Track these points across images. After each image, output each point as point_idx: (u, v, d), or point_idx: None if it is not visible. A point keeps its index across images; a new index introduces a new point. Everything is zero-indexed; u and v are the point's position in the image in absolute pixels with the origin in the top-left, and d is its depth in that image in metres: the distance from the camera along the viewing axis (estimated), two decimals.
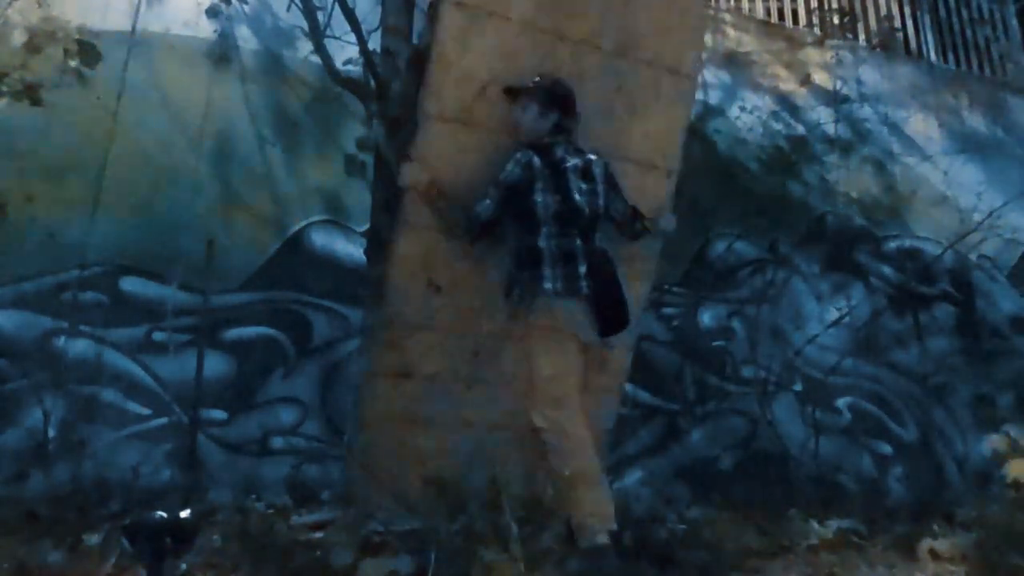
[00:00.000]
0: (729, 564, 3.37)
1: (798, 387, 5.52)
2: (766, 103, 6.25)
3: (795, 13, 6.89)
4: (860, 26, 6.99)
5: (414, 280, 3.15)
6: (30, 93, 4.39)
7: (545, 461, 2.72)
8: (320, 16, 4.73)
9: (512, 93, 3.10)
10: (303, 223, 4.74)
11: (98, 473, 3.93)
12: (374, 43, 4.46)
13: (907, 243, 6.28)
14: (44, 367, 4.07)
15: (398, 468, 3.12)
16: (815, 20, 6.85)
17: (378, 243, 3.38)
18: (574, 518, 2.62)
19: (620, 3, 3.35)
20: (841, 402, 5.62)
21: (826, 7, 6.90)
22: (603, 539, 2.59)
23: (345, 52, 4.83)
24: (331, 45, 4.75)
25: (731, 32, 6.42)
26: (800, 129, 6.28)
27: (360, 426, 3.18)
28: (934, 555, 3.58)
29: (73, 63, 4.55)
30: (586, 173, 3.02)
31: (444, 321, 3.18)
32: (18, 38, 4.50)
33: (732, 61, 6.29)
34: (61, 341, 4.14)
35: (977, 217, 6.27)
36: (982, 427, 5.71)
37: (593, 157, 3.09)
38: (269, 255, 4.62)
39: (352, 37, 4.59)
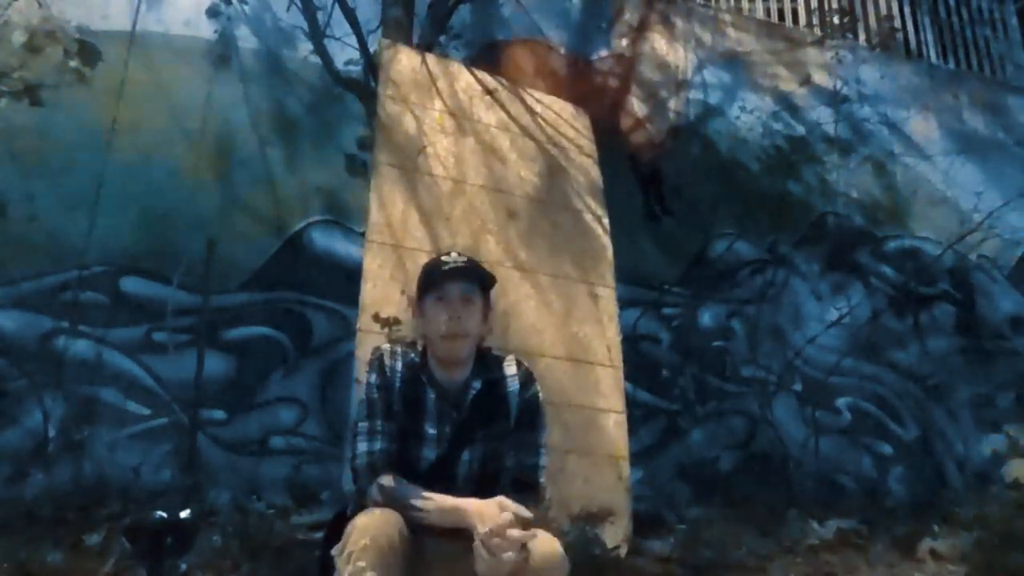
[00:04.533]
0: (729, 564, 3.37)
1: (798, 387, 5.52)
2: (766, 103, 6.25)
3: (795, 13, 6.89)
4: (860, 26, 6.99)
5: (389, 288, 3.20)
6: (30, 93, 4.39)
7: None
8: (320, 16, 4.74)
9: None
10: (303, 223, 4.74)
11: (98, 473, 3.93)
12: (374, 43, 4.47)
13: (907, 243, 6.28)
14: (44, 367, 4.07)
15: None
16: (815, 20, 6.85)
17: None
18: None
19: None
20: (841, 402, 5.62)
21: (826, 7, 6.90)
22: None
23: (345, 52, 4.84)
24: (331, 45, 4.77)
25: (731, 32, 6.42)
26: (800, 129, 6.28)
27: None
28: (934, 555, 3.58)
29: (73, 63, 4.55)
30: None
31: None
32: (18, 38, 4.50)
33: (732, 61, 6.29)
34: (61, 341, 4.14)
35: (977, 217, 6.27)
36: (982, 427, 5.71)
37: None
38: (269, 255, 4.62)
39: (352, 37, 4.61)
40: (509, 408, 1.90)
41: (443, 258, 1.94)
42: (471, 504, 1.64)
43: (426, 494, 1.70)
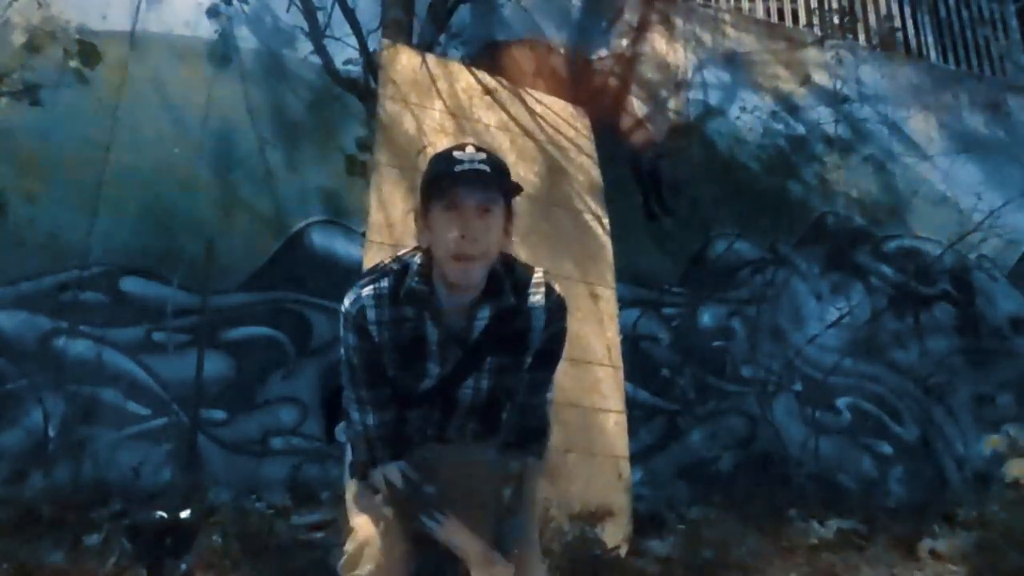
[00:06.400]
0: (729, 564, 3.37)
1: (798, 387, 5.52)
2: (766, 103, 6.25)
3: (795, 13, 6.89)
4: (860, 26, 6.99)
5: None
6: (30, 93, 4.39)
7: None
8: (320, 16, 4.74)
9: None
10: (303, 223, 4.73)
11: (98, 473, 3.92)
12: (374, 43, 4.47)
13: (907, 243, 6.28)
14: (44, 367, 4.07)
15: None
16: (815, 20, 6.85)
17: None
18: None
19: None
20: (841, 402, 5.62)
21: (826, 7, 6.89)
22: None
23: (345, 52, 4.84)
24: (331, 45, 4.77)
25: (731, 32, 6.42)
26: (800, 129, 6.28)
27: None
28: (934, 555, 3.59)
29: (73, 63, 4.54)
30: None
31: None
32: (18, 38, 4.50)
33: (732, 61, 6.28)
34: (61, 341, 4.14)
35: (977, 217, 6.27)
36: (982, 427, 5.70)
37: None
38: (269, 255, 4.62)
39: (352, 37, 4.61)
40: (528, 345, 1.63)
41: (456, 154, 1.52)
42: (470, 545, 1.55)
43: (433, 511, 1.58)
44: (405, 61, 4.01)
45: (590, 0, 6.04)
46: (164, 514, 2.13)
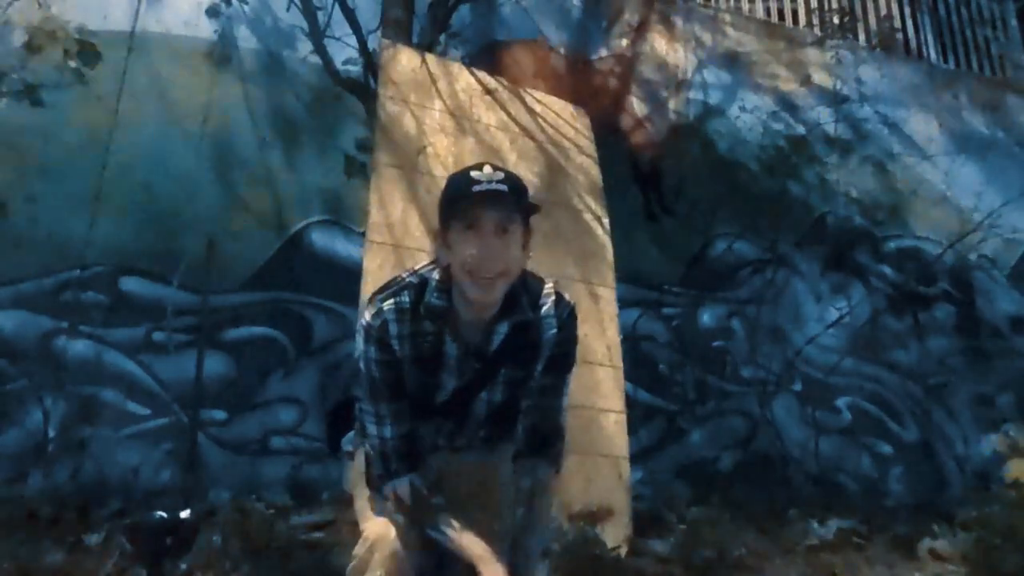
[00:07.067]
0: (729, 564, 3.37)
1: (798, 387, 5.52)
2: (766, 103, 6.25)
3: (795, 13, 6.89)
4: (860, 26, 6.99)
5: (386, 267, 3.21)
6: (30, 93, 4.39)
7: None
8: (320, 16, 4.74)
9: None
10: (303, 223, 4.73)
11: (98, 473, 3.93)
12: (374, 43, 4.48)
13: (907, 243, 6.28)
14: (44, 367, 4.07)
15: None
16: (815, 20, 6.85)
17: None
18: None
19: None
20: (841, 402, 5.62)
21: (826, 7, 6.90)
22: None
23: (345, 52, 4.85)
24: (331, 45, 4.78)
25: (731, 32, 6.42)
26: (800, 129, 6.28)
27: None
28: (934, 555, 3.59)
29: (73, 63, 4.55)
30: None
31: None
32: (18, 38, 4.50)
33: (732, 61, 6.29)
34: (61, 341, 4.14)
35: (977, 217, 6.27)
36: (982, 427, 5.70)
37: None
38: (269, 255, 4.62)
39: (352, 37, 4.61)
40: (539, 354, 1.67)
41: (473, 174, 1.53)
42: (480, 552, 1.55)
43: (441, 525, 1.59)
44: (405, 61, 4.01)
45: (590, 0, 6.04)
46: (164, 514, 2.13)
